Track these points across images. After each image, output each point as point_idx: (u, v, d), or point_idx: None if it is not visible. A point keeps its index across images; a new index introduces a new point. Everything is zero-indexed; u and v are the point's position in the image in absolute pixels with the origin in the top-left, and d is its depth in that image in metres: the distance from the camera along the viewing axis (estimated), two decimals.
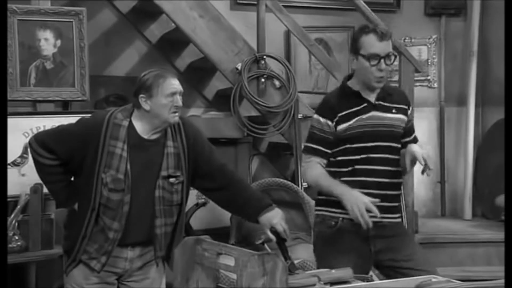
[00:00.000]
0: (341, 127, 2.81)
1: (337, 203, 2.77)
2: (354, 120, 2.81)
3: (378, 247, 2.82)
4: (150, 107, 2.66)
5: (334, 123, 2.81)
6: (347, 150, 2.82)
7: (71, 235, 2.76)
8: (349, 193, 2.69)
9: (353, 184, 2.76)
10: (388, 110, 2.85)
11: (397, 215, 2.89)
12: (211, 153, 2.83)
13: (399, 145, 2.87)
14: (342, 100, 2.85)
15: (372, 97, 2.84)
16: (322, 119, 2.84)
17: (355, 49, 2.79)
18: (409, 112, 2.92)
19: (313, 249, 3.01)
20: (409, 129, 2.94)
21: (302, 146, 4.42)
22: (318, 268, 2.86)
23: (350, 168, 2.81)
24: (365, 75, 2.78)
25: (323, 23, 5.39)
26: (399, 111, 2.87)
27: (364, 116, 2.81)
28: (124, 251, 2.73)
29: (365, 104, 2.83)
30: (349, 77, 2.91)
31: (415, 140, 2.95)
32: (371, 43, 2.73)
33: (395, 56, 2.82)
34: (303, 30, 4.58)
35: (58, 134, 2.75)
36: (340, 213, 2.79)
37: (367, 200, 2.64)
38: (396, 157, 2.85)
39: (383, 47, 2.74)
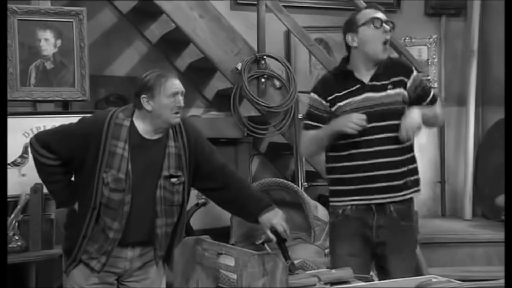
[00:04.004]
0: (335, 107, 2.85)
1: (344, 192, 2.85)
2: (346, 101, 2.83)
3: (380, 239, 2.85)
4: (152, 107, 2.66)
5: (328, 102, 2.87)
6: (345, 134, 2.81)
7: (71, 235, 2.76)
8: (339, 122, 2.78)
9: (352, 169, 2.82)
10: (382, 88, 2.84)
11: (402, 193, 2.86)
12: (212, 153, 2.83)
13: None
14: (336, 80, 2.90)
15: (366, 77, 2.85)
16: (316, 97, 2.91)
17: (353, 25, 2.84)
18: (409, 82, 2.87)
19: (329, 241, 3.07)
20: (422, 95, 2.91)
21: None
22: (330, 260, 2.96)
23: (347, 152, 2.84)
24: (370, 44, 2.81)
25: (323, 23, 5.39)
26: (395, 85, 2.85)
27: (357, 98, 2.83)
28: (124, 251, 2.72)
29: (358, 86, 2.85)
30: (347, 59, 2.91)
31: (433, 100, 2.93)
32: (369, 12, 2.85)
33: (393, 25, 2.86)
34: (303, 30, 4.58)
35: (59, 134, 2.75)
36: (347, 201, 2.85)
37: (357, 114, 2.74)
38: (397, 134, 2.83)
39: (381, 14, 2.84)
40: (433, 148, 5.67)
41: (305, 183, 4.49)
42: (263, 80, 4.43)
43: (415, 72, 2.92)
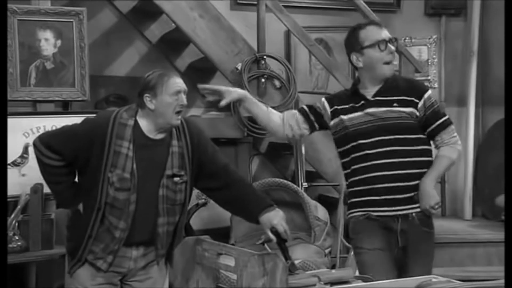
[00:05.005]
0: (336, 120, 2.91)
1: (365, 202, 2.86)
2: (348, 116, 2.88)
3: (403, 243, 2.86)
4: (155, 106, 2.66)
5: (330, 110, 2.94)
6: (352, 148, 2.86)
7: (75, 236, 2.75)
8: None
9: (361, 183, 2.85)
10: (387, 104, 2.84)
11: (415, 205, 2.86)
12: (215, 153, 2.84)
13: (413, 135, 2.86)
14: (345, 97, 2.96)
15: (370, 93, 2.87)
16: (326, 103, 2.97)
17: (357, 45, 2.85)
18: (420, 103, 2.86)
19: (350, 236, 3.06)
20: (430, 118, 2.88)
21: (303, 147, 4.47)
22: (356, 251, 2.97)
23: (355, 166, 2.87)
24: (376, 66, 2.83)
25: (323, 23, 5.39)
26: (403, 103, 2.85)
27: (358, 114, 2.87)
28: (129, 251, 2.72)
29: (362, 102, 2.88)
30: (359, 79, 2.96)
31: (442, 126, 2.90)
32: (373, 32, 2.85)
33: (397, 39, 2.90)
34: (303, 30, 4.58)
35: (63, 135, 2.75)
36: (370, 211, 2.86)
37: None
38: (410, 147, 2.84)
39: (384, 33, 2.85)
40: (433, 148, 5.67)
41: (305, 183, 4.48)
42: (263, 80, 4.43)
43: (426, 95, 2.88)
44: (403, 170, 2.82)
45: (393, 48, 2.83)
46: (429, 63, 5.69)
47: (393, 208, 2.83)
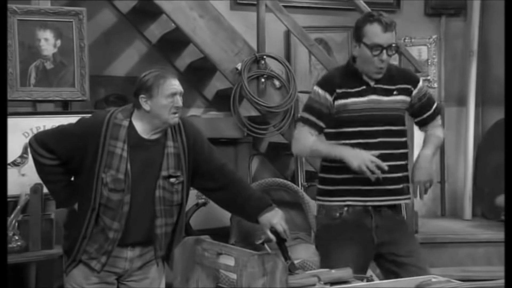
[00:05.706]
0: (338, 103, 2.80)
1: (340, 192, 2.82)
2: (351, 99, 2.80)
3: (381, 239, 2.83)
4: (150, 107, 2.66)
5: (332, 97, 2.81)
6: (344, 133, 2.82)
7: (71, 235, 2.76)
8: (351, 152, 2.71)
9: (345, 170, 2.77)
10: (388, 93, 2.83)
11: (402, 197, 2.86)
12: (211, 153, 2.83)
13: (402, 127, 2.87)
14: (344, 77, 2.85)
15: (372, 80, 2.84)
16: (321, 91, 2.83)
17: (358, 36, 2.79)
18: (415, 91, 2.87)
19: (316, 241, 3.01)
20: (424, 105, 2.90)
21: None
22: (321, 261, 2.89)
23: None
24: (365, 64, 2.79)
25: (323, 23, 5.39)
26: (401, 92, 2.85)
27: (361, 99, 2.81)
28: (124, 251, 2.73)
29: (364, 87, 2.82)
30: (354, 58, 2.87)
31: (435, 113, 2.93)
32: (375, 33, 2.73)
33: (397, 47, 2.83)
34: (303, 30, 4.58)
35: (58, 134, 2.75)
36: (342, 201, 2.82)
37: (371, 156, 2.67)
38: (399, 139, 2.85)
39: (386, 37, 2.73)
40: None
41: (305, 183, 4.49)
42: (263, 80, 4.43)
43: (421, 83, 2.91)
44: (391, 161, 2.78)
45: (385, 57, 2.73)
46: (429, 63, 5.69)
47: (380, 199, 2.81)
